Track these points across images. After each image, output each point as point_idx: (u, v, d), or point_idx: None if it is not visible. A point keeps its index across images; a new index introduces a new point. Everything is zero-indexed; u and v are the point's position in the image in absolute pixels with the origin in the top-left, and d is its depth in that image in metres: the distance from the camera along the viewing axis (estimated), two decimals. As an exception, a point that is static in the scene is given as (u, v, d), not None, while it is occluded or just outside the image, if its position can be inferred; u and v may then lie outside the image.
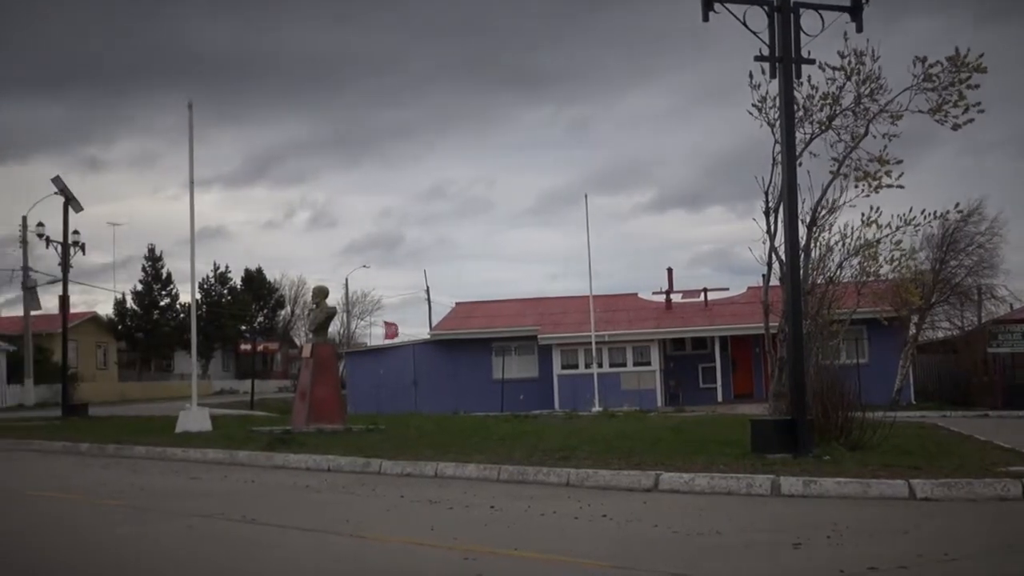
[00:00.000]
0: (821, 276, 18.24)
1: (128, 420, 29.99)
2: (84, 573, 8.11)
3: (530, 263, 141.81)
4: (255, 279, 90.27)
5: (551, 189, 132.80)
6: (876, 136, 17.92)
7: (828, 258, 18.28)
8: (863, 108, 17.86)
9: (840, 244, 18.30)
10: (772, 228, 18.04)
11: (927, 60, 17.34)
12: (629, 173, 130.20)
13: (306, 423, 21.95)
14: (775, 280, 18.43)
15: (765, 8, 14.74)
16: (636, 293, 52.20)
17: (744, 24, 14.70)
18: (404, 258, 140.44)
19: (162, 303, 79.98)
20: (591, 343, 42.99)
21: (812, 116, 17.97)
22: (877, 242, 18.53)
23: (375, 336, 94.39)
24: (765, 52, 14.89)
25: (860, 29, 15.41)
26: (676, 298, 49.92)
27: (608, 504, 10.95)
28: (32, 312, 57.17)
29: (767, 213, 18.15)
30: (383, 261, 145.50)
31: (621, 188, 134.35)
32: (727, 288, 50.22)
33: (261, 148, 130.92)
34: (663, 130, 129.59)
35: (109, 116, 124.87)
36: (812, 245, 17.85)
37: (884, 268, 19.50)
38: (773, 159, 17.59)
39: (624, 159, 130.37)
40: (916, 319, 39.52)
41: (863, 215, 18.24)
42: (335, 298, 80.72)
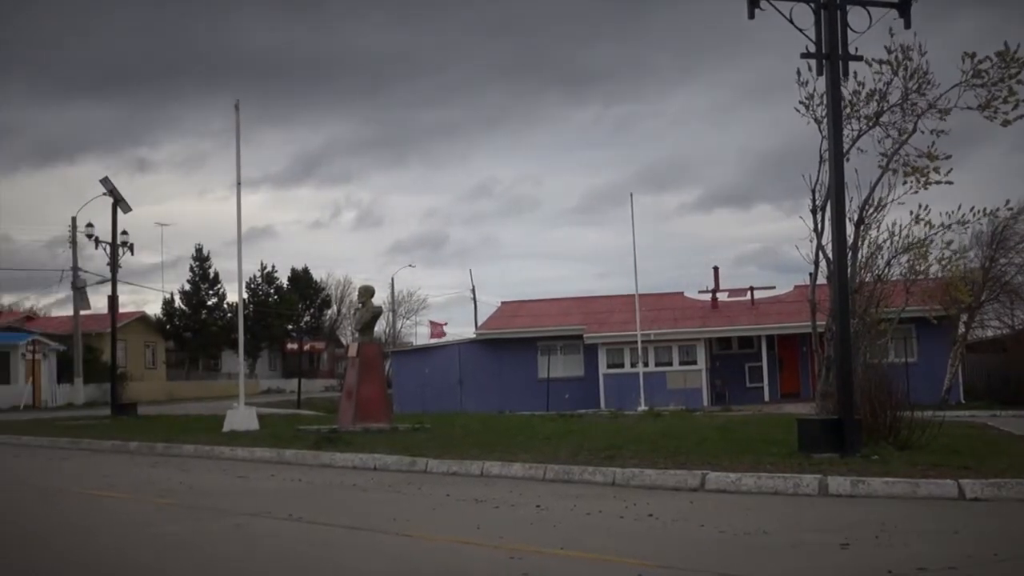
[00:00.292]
0: (869, 274, 18.07)
1: (176, 419, 30.24)
2: (134, 570, 8.19)
3: (576, 262, 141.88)
4: (301, 279, 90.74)
5: (597, 188, 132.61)
6: (924, 132, 17.74)
7: (876, 256, 18.12)
8: (911, 104, 17.68)
9: (888, 242, 18.14)
10: (819, 226, 17.90)
11: (976, 56, 17.17)
12: (675, 171, 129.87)
13: (352, 422, 22.03)
14: (822, 278, 18.29)
15: (812, 5, 14.63)
16: (682, 292, 52.03)
17: (790, 21, 14.62)
18: (450, 257, 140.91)
19: (209, 303, 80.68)
20: (637, 342, 42.90)
21: (859, 112, 17.83)
22: (927, 240, 18.37)
23: (421, 335, 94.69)
24: (812, 49, 14.80)
25: (908, 25, 15.27)
26: (722, 297, 49.71)
27: (654, 504, 10.92)
28: (82, 312, 57.91)
29: (814, 211, 18.01)
30: (429, 260, 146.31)
31: (667, 186, 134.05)
32: (774, 287, 49.92)
33: (308, 148, 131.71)
34: (710, 128, 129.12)
35: (157, 118, 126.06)
36: (860, 243, 17.69)
37: (934, 267, 19.32)
38: (820, 156, 17.46)
39: (670, 157, 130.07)
40: (965, 318, 39.11)
41: (912, 212, 18.10)
42: (381, 297, 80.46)
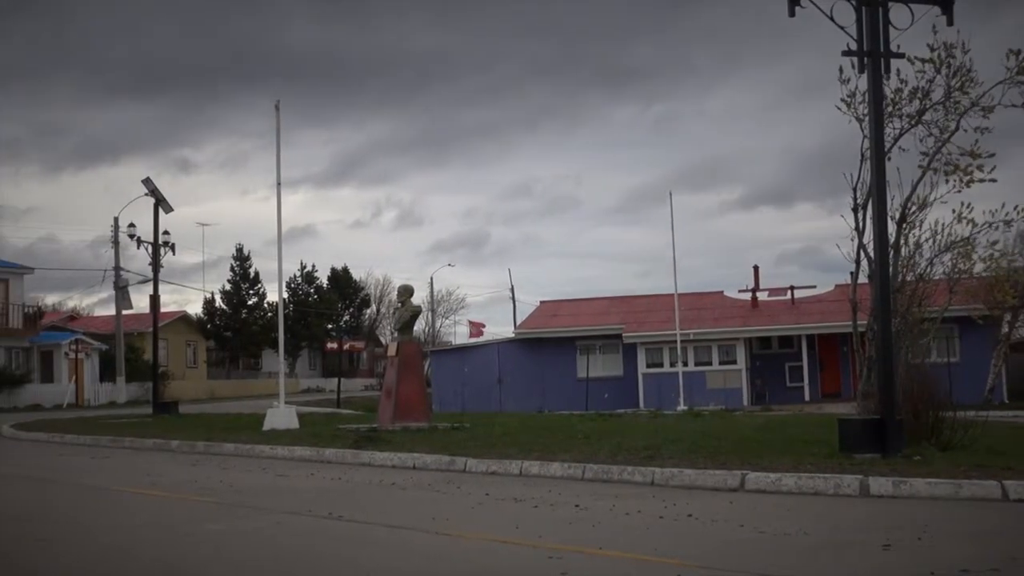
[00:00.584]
0: (911, 273, 17.93)
1: (217, 418, 30.41)
2: (176, 566, 8.24)
3: (616, 261, 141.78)
4: (341, 278, 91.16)
5: (637, 187, 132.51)
6: (967, 130, 17.60)
7: (918, 255, 17.98)
8: (953, 102, 17.54)
9: (930, 241, 18.00)
10: (860, 225, 17.78)
11: (1021, 53, 17.02)
12: (716, 170, 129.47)
13: (392, 421, 22.06)
14: (863, 277, 18.16)
15: (853, 2, 14.51)
16: (722, 291, 51.80)
17: (831, 19, 14.51)
18: (489, 257, 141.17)
19: (250, 302, 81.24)
20: (676, 341, 42.78)
21: (901, 111, 17.70)
22: (969, 239, 18.21)
23: (460, 335, 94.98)
24: (853, 47, 14.69)
25: (951, 22, 15.13)
26: (762, 296, 49.47)
27: (694, 504, 10.88)
28: (124, 311, 58.47)
29: (855, 210, 17.89)
30: (468, 260, 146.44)
31: (708, 185, 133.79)
32: (814, 286, 49.60)
33: (349, 148, 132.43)
34: (751, 126, 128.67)
35: (200, 118, 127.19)
36: (901, 242, 17.57)
37: (977, 266, 19.14)
38: (862, 155, 17.34)
39: (711, 156, 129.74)
40: (1009, 317, 38.73)
41: (954, 211, 17.94)
42: (420, 297, 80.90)
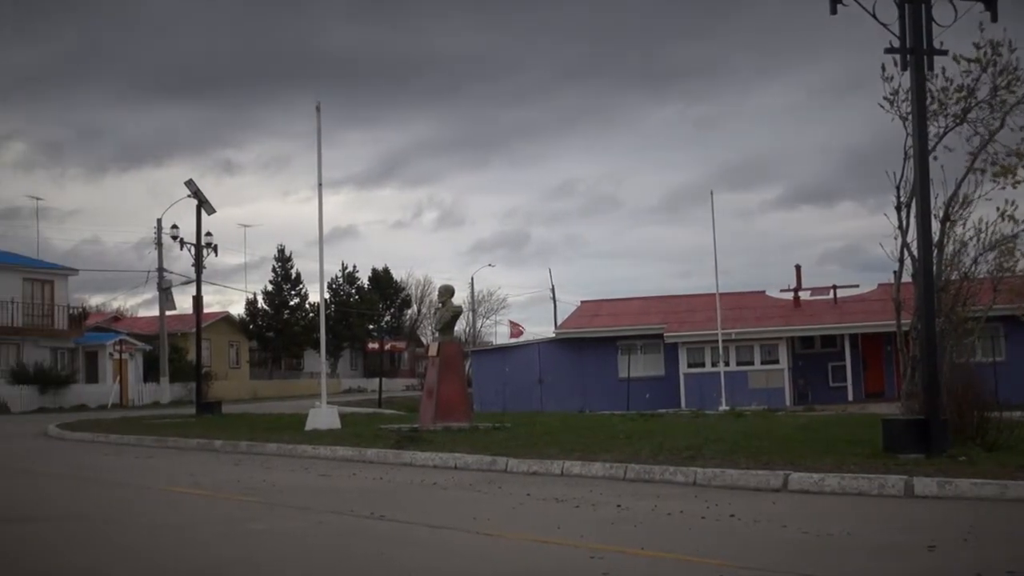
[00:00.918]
0: (955, 272, 17.79)
1: (259, 418, 30.57)
2: (221, 564, 8.30)
3: (657, 261, 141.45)
4: (382, 278, 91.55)
5: (678, 186, 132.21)
6: (1013, 129, 17.45)
7: (962, 253, 17.83)
8: (999, 100, 17.39)
9: (975, 239, 17.84)
10: (904, 223, 17.67)
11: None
12: (757, 169, 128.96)
13: (433, 421, 22.10)
14: (907, 276, 18.03)
15: (895, -1, 14.42)
16: (763, 291, 51.58)
17: (873, 16, 14.40)
18: (530, 257, 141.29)
19: (292, 303, 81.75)
20: (718, 341, 42.61)
21: (947, 109, 17.56)
22: (1014, 237, 18.04)
23: (501, 335, 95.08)
24: (896, 44, 14.58)
25: (995, 18, 14.96)
26: (804, 295, 49.18)
27: (736, 504, 10.84)
28: (167, 312, 59.00)
29: (898, 208, 17.78)
30: (509, 260, 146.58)
31: (749, 185, 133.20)
32: (857, 285, 49.25)
33: (390, 149, 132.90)
34: (792, 125, 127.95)
35: (243, 120, 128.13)
36: (945, 240, 17.43)
37: (1022, 263, 18.95)
38: (905, 153, 17.23)
39: (752, 155, 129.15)
40: (1056, 315, 38.30)
41: (998, 209, 17.78)
42: (461, 297, 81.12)
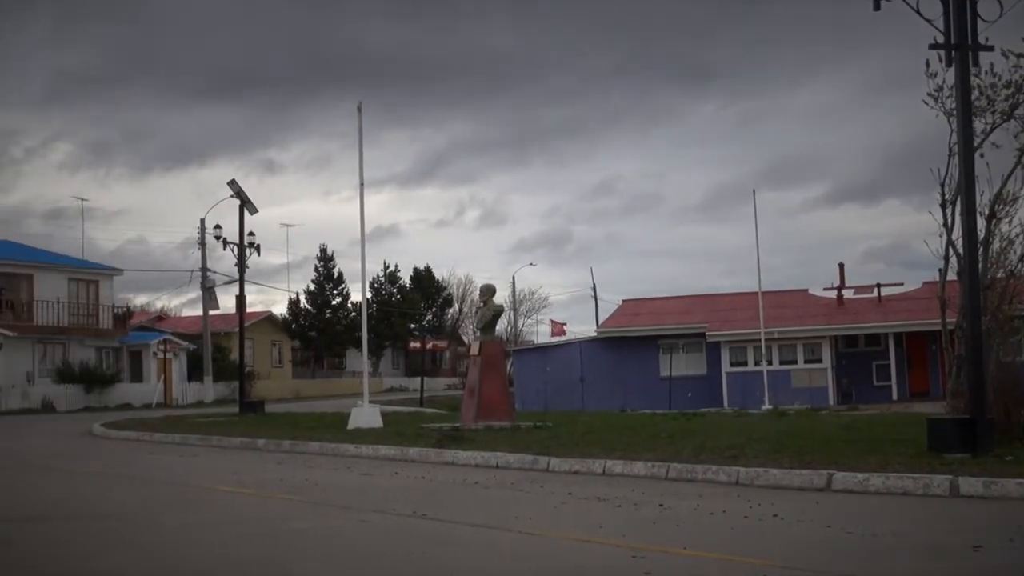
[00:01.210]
0: (1001, 270, 17.60)
1: (302, 417, 30.71)
2: (265, 562, 8.35)
3: (699, 259, 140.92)
4: (424, 278, 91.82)
5: (720, 184, 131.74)
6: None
7: (1008, 251, 17.64)
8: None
9: (1021, 236, 17.64)
10: (949, 221, 17.47)
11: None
12: (800, 167, 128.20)
13: (474, 420, 22.13)
14: (952, 275, 17.85)
15: (940, -6, 14.29)
16: (806, 289, 51.27)
17: (917, 12, 14.28)
18: (572, 256, 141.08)
19: (334, 302, 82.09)
20: (760, 340, 42.42)
21: (995, 106, 17.37)
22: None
23: (542, 334, 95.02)
24: (940, 40, 14.45)
25: (1042, 13, 14.82)
26: (848, 294, 48.85)
27: (779, 503, 10.78)
28: (211, 312, 59.47)
29: (943, 205, 17.58)
30: (551, 259, 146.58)
31: (792, 182, 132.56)
32: (901, 283, 48.88)
33: (432, 148, 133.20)
34: (835, 122, 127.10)
35: (285, 120, 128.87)
36: (991, 238, 17.24)
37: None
38: (950, 150, 17.03)
39: (795, 153, 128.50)
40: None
41: (1046, 206, 17.57)
42: (502, 296, 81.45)
